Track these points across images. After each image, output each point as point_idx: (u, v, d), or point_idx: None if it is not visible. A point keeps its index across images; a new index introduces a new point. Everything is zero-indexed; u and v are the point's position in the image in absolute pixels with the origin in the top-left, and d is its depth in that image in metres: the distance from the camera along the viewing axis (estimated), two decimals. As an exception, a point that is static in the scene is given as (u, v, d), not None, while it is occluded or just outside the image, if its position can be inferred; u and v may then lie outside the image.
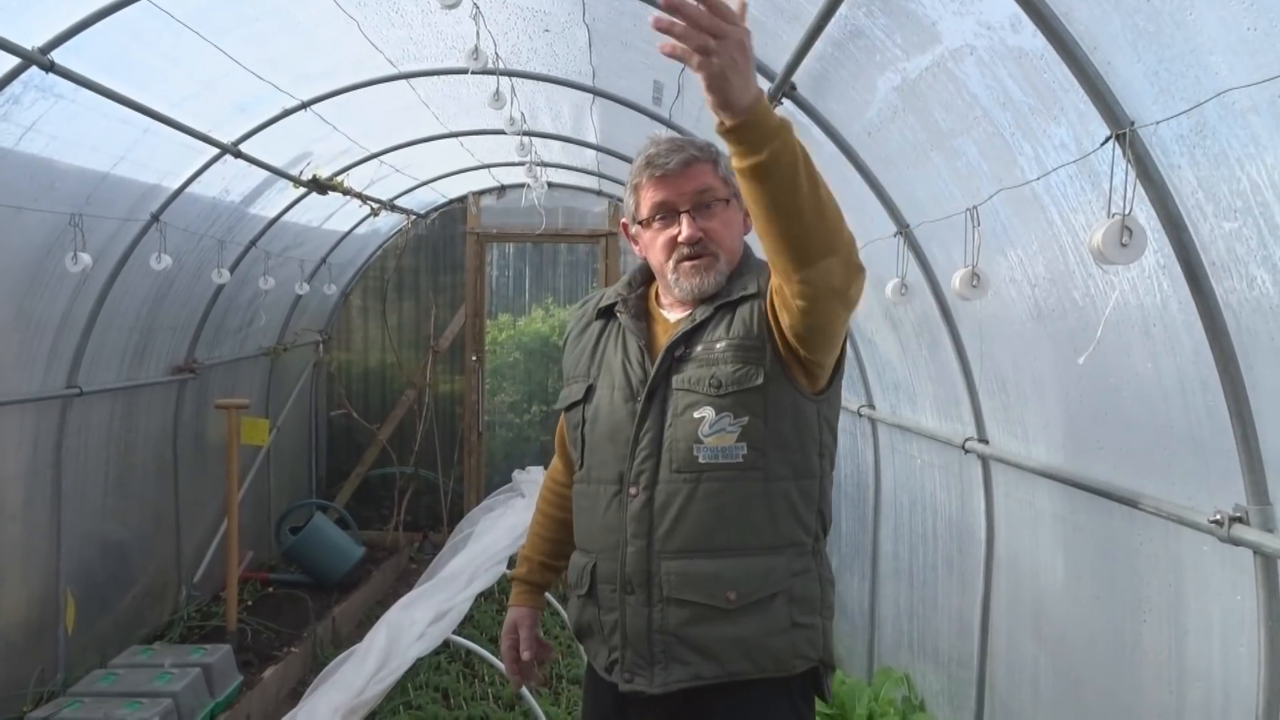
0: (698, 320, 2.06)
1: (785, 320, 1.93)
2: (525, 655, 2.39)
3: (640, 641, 2.03)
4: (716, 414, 1.99)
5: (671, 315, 2.17)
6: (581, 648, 2.30)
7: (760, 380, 1.98)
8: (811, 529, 2.05)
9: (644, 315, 2.20)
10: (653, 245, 2.13)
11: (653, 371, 2.06)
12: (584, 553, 2.18)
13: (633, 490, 2.04)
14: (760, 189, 1.71)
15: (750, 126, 1.64)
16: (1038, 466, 2.89)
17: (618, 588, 2.06)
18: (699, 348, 2.04)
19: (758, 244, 1.96)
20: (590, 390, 2.19)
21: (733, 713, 2.01)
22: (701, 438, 1.99)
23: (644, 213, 2.12)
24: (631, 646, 2.04)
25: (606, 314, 2.24)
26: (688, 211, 2.07)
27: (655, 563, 2.01)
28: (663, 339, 2.11)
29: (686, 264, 2.08)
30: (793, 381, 2.00)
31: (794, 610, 2.01)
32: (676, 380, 2.04)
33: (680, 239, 2.07)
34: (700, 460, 1.99)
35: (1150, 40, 1.73)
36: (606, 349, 2.20)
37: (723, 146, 1.81)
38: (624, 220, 2.26)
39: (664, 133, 2.25)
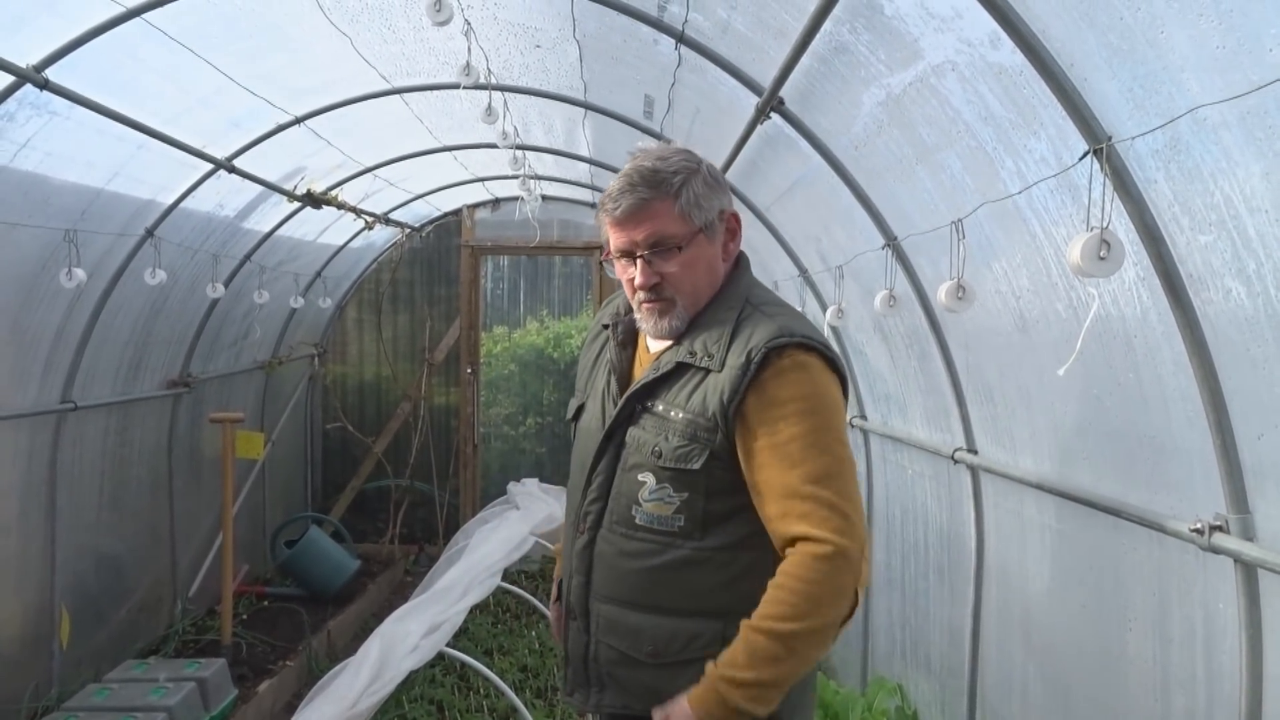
0: (661, 371, 2.03)
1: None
2: None
3: (579, 663, 2.13)
4: (657, 483, 1.99)
5: (654, 345, 2.15)
6: None
7: (698, 465, 1.96)
8: (757, 599, 1.88)
9: (632, 341, 2.19)
10: (622, 277, 2.12)
11: (611, 418, 2.07)
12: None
13: (581, 528, 2.11)
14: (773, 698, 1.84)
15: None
16: (1025, 476, 2.91)
17: (566, 610, 2.18)
18: (660, 405, 2.01)
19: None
20: (580, 410, 2.24)
21: None
22: (641, 501, 2.01)
23: (610, 247, 2.11)
24: (572, 666, 2.16)
25: (609, 329, 2.23)
26: (643, 256, 2.03)
27: (592, 602, 2.09)
28: (639, 373, 2.11)
29: (645, 305, 2.07)
30: (735, 474, 1.96)
31: None
32: (630, 435, 2.04)
33: (636, 284, 2.05)
34: (637, 521, 2.01)
35: (1124, 57, 1.76)
36: (599, 369, 2.23)
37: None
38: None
39: (649, 142, 2.23)
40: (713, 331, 2.02)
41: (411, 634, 3.68)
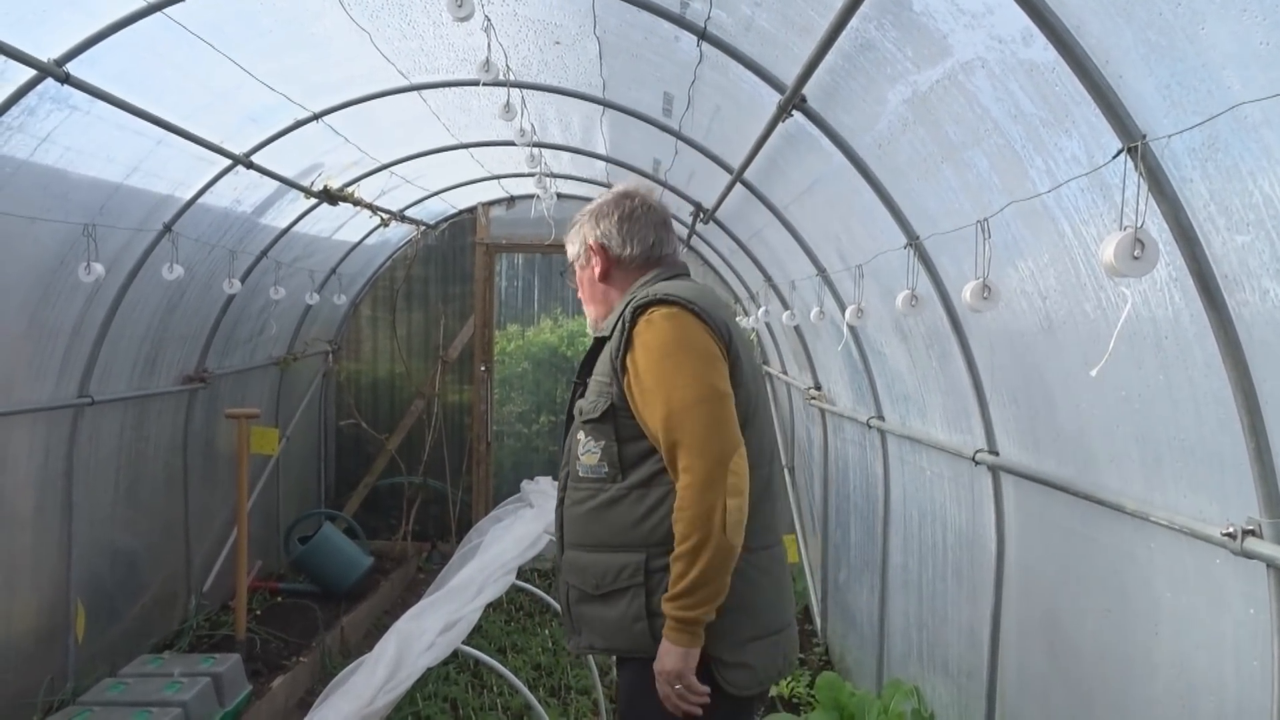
0: (586, 355, 2.58)
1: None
2: None
3: (565, 611, 2.56)
4: (586, 436, 2.45)
5: None
6: None
7: (601, 412, 2.40)
8: (667, 530, 2.31)
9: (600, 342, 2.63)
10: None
11: (570, 397, 2.59)
12: None
13: (560, 492, 2.57)
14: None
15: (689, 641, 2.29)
16: (1049, 478, 2.89)
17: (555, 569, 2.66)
18: (589, 379, 2.50)
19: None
20: None
21: (626, 678, 2.47)
22: (579, 455, 2.47)
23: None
24: (563, 614, 2.58)
25: None
26: (562, 273, 2.74)
27: (563, 550, 2.54)
28: None
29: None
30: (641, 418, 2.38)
31: (651, 602, 2.33)
32: (574, 406, 2.55)
33: None
34: (580, 474, 2.47)
35: (1162, 54, 1.74)
36: None
37: None
38: None
39: (640, 182, 3.03)
40: (611, 316, 2.53)
41: (428, 631, 3.67)
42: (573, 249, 2.72)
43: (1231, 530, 1.96)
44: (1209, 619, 2.19)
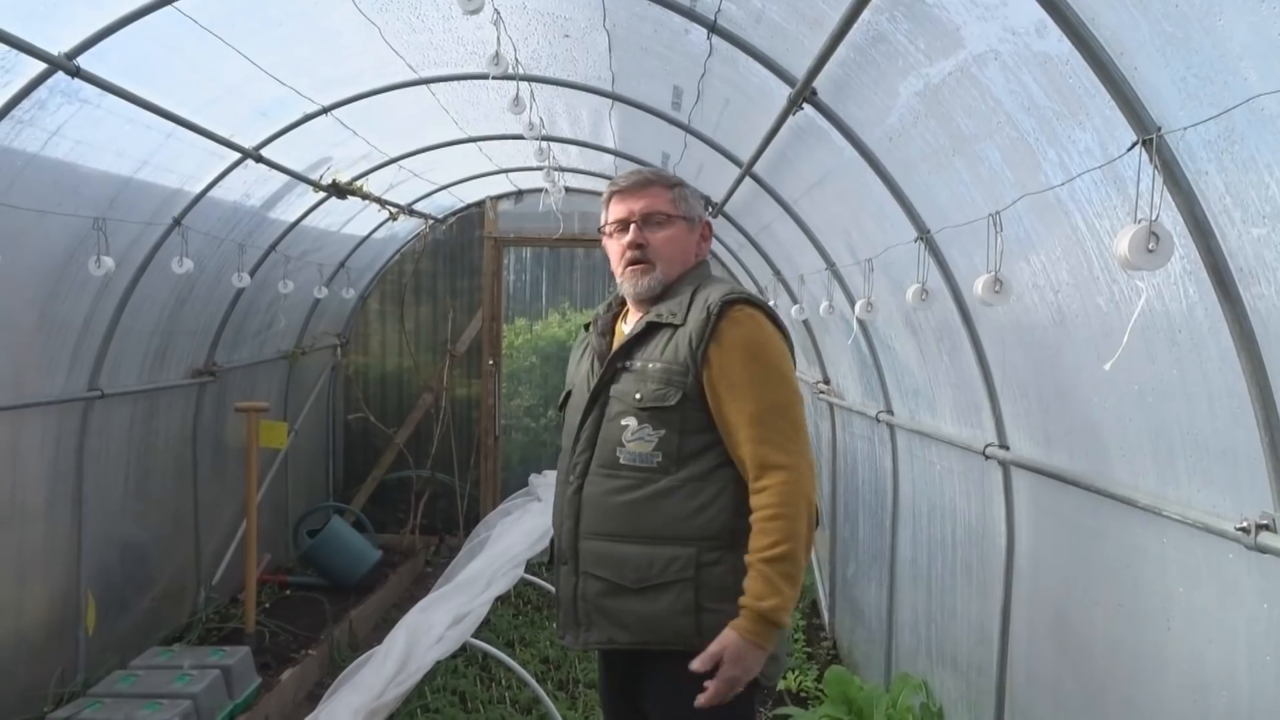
0: (633, 333, 2.44)
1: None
2: None
3: (569, 605, 2.44)
4: (638, 424, 2.36)
5: (626, 328, 2.55)
6: None
7: (674, 401, 2.33)
8: (728, 526, 2.32)
9: (610, 331, 2.58)
10: (611, 252, 2.54)
11: (596, 380, 2.45)
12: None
13: (571, 479, 2.45)
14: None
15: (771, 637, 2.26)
16: (1060, 473, 2.88)
17: (557, 559, 2.50)
18: (637, 363, 2.40)
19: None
20: (568, 395, 2.62)
21: (663, 672, 2.36)
22: (624, 442, 2.37)
23: (605, 222, 2.55)
24: (564, 609, 2.47)
25: (589, 328, 2.66)
26: (636, 223, 2.46)
27: (580, 541, 2.40)
28: (613, 350, 2.50)
29: (630, 268, 2.47)
30: (705, 410, 2.34)
31: (703, 597, 2.30)
32: (614, 389, 2.42)
33: (624, 244, 2.46)
34: (620, 461, 2.37)
35: (1178, 46, 1.73)
36: (582, 360, 2.62)
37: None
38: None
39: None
40: (673, 300, 2.44)
41: (436, 625, 3.68)
42: (682, 206, 2.51)
43: (1246, 525, 1.95)
44: (1222, 614, 2.18)
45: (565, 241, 8.35)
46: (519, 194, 8.29)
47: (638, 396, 2.35)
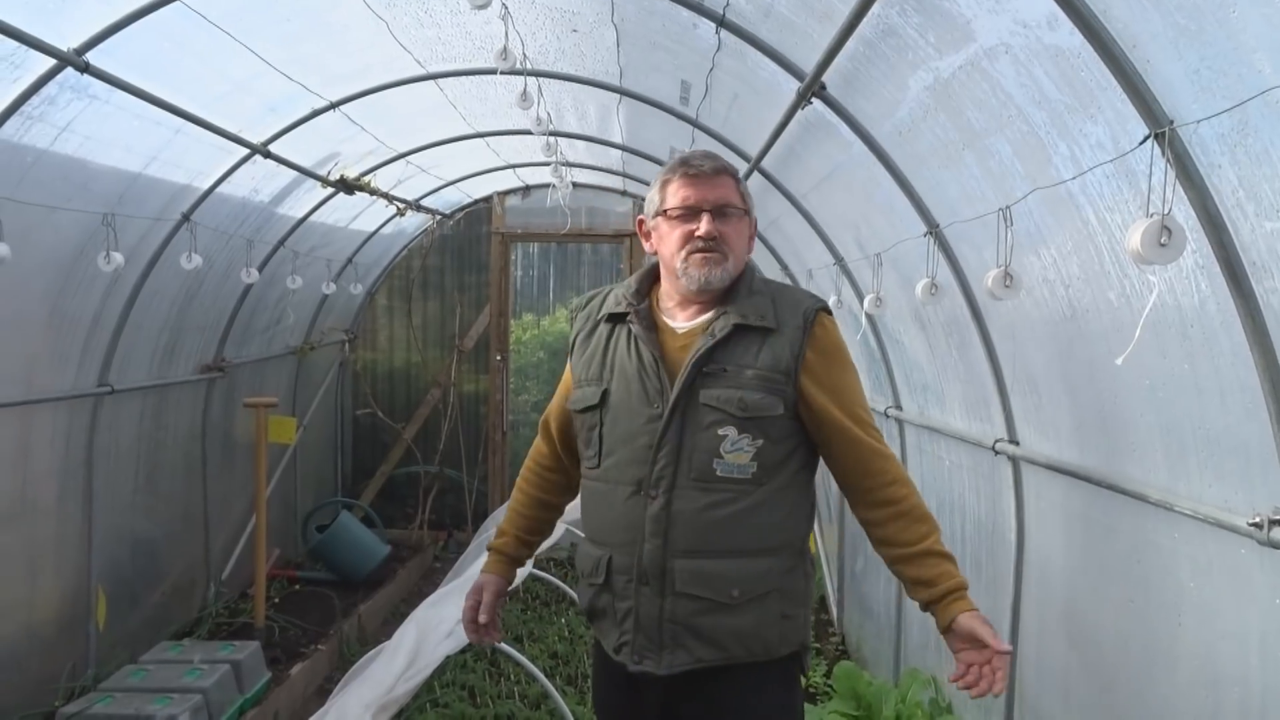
0: (717, 337, 2.24)
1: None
2: (483, 618, 2.55)
3: (652, 628, 2.24)
4: (738, 433, 2.22)
5: (676, 324, 2.35)
6: (592, 626, 2.47)
7: (780, 411, 2.23)
8: (801, 531, 2.34)
9: (653, 326, 2.36)
10: (669, 236, 2.32)
11: (679, 385, 2.24)
12: (598, 545, 2.35)
13: (653, 494, 2.23)
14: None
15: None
16: (1071, 468, 2.87)
17: (634, 579, 2.26)
18: (727, 368, 2.24)
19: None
20: (605, 395, 2.34)
21: (732, 681, 2.25)
22: (722, 453, 2.22)
23: (669, 204, 2.32)
24: (643, 632, 2.25)
25: (614, 320, 2.41)
26: (710, 212, 2.28)
27: (669, 560, 2.22)
28: (672, 348, 2.31)
29: (698, 255, 2.28)
30: (798, 417, 2.28)
31: (784, 604, 2.27)
32: (704, 396, 2.23)
33: (699, 232, 2.27)
34: (717, 473, 2.22)
35: (1191, 38, 1.72)
36: (618, 355, 2.36)
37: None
38: (641, 216, 2.45)
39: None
40: (753, 301, 2.30)
41: (446, 619, 3.69)
42: (748, 200, 2.39)
43: (1258, 520, 1.94)
44: (1234, 609, 2.17)
45: (573, 237, 8.34)
46: (526, 189, 8.29)
47: (741, 405, 2.21)
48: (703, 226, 2.26)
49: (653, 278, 2.45)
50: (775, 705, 2.31)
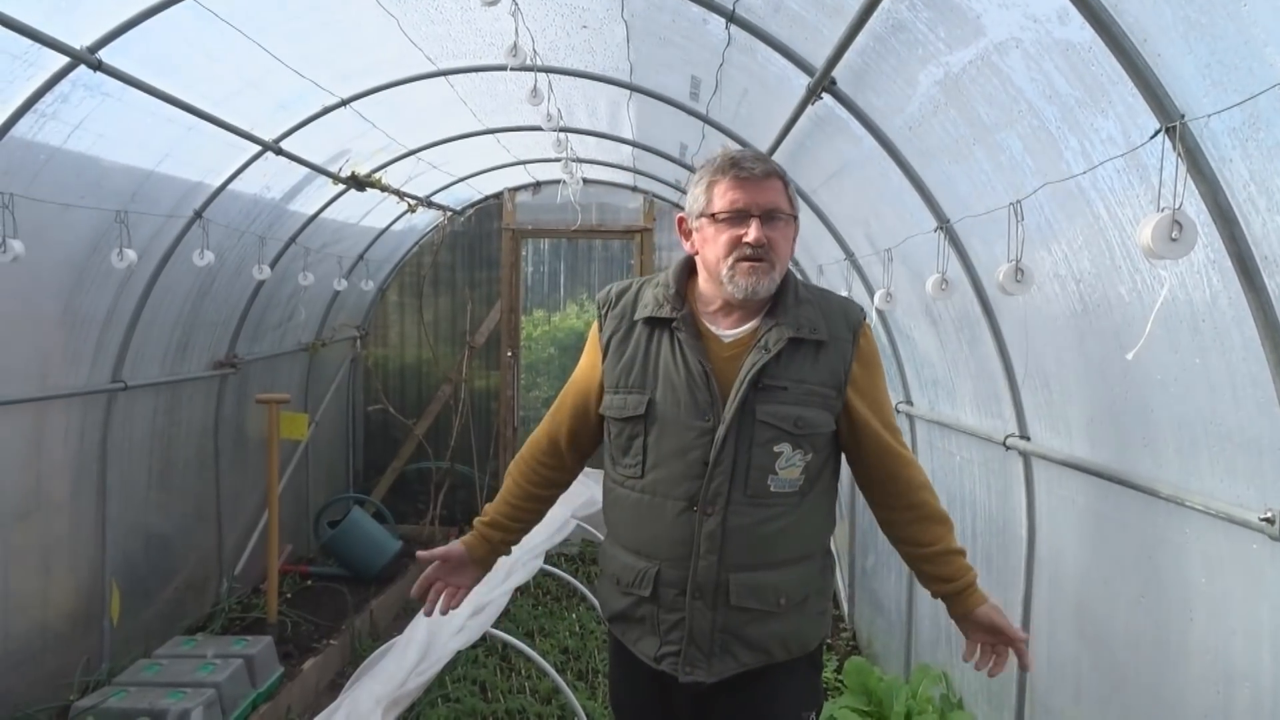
0: (772, 351, 2.20)
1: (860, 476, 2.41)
2: (438, 587, 2.59)
3: (703, 639, 2.24)
4: (792, 449, 2.22)
5: (722, 332, 2.28)
6: (615, 630, 2.44)
7: (831, 427, 2.27)
8: (830, 531, 2.43)
9: (698, 334, 2.29)
10: (714, 240, 2.22)
11: (735, 401, 2.19)
12: (643, 557, 2.30)
13: (709, 510, 2.21)
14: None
15: None
16: (1082, 463, 2.86)
17: (685, 593, 2.24)
18: (782, 381, 2.22)
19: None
20: (650, 405, 2.27)
21: (764, 672, 2.31)
22: (778, 470, 2.22)
23: (716, 207, 2.23)
24: (695, 644, 2.25)
25: (653, 323, 2.31)
26: (759, 217, 2.20)
27: (724, 575, 2.22)
28: (720, 358, 2.25)
29: (745, 264, 2.19)
30: (837, 426, 2.31)
31: (819, 602, 2.36)
32: (761, 412, 2.20)
33: (747, 239, 2.19)
34: (771, 489, 2.22)
35: (1202, 32, 1.71)
36: (662, 362, 2.28)
37: None
38: (682, 215, 2.36)
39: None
40: (802, 310, 2.27)
41: (457, 615, 3.69)
42: (795, 203, 2.32)
43: (1270, 515, 1.94)
44: (1246, 605, 2.17)
45: (583, 233, 8.35)
46: (537, 185, 8.30)
47: (797, 423, 2.21)
48: (752, 233, 2.18)
49: (682, 280, 2.36)
50: (804, 690, 2.40)
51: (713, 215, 2.23)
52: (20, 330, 4.11)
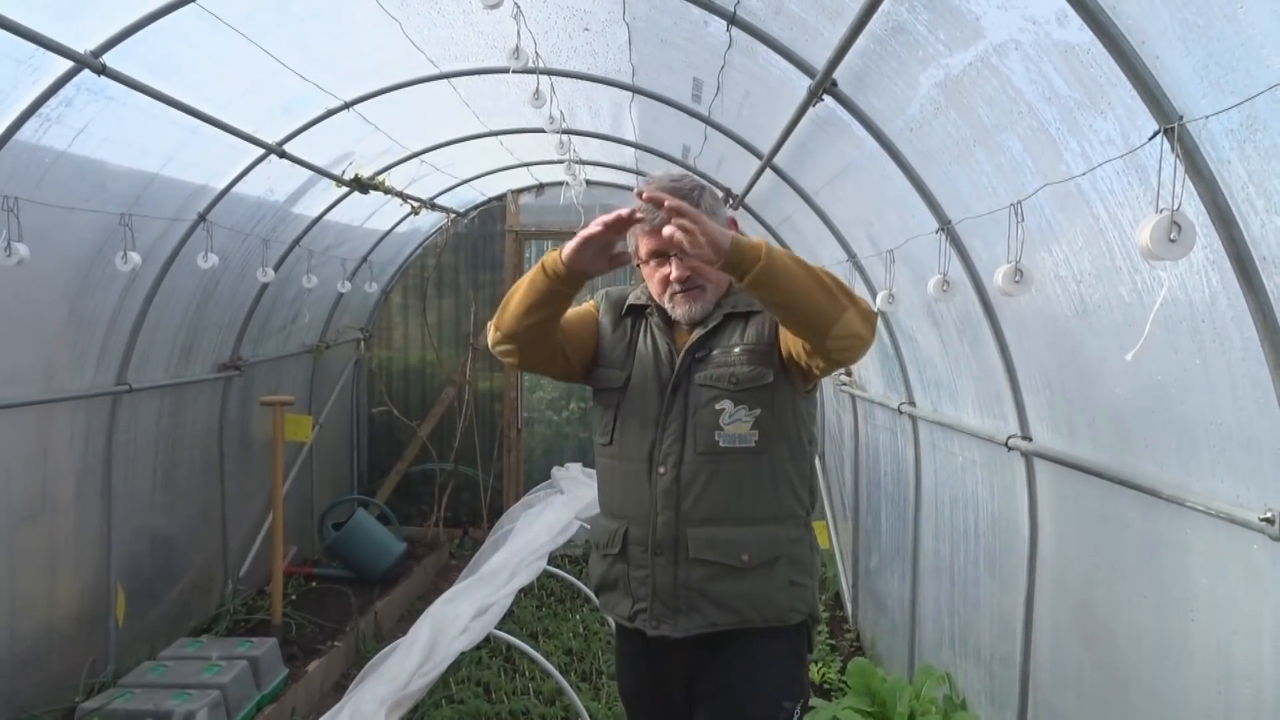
0: (710, 327, 2.45)
1: (819, 364, 2.27)
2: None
3: (667, 594, 2.40)
4: (735, 406, 2.38)
5: (685, 324, 2.52)
6: (602, 604, 2.62)
7: (770, 380, 2.38)
8: (804, 503, 2.49)
9: (669, 321, 2.54)
10: (651, 278, 2.49)
11: (676, 369, 2.44)
12: (614, 518, 2.53)
13: (661, 469, 2.41)
14: (767, 293, 2.10)
15: (735, 260, 2.07)
16: (1083, 463, 2.87)
17: (648, 550, 2.42)
18: (716, 351, 2.43)
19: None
20: (627, 380, 2.53)
21: (743, 652, 2.42)
22: (722, 425, 2.38)
23: (642, 254, 2.47)
24: (659, 599, 2.42)
25: (636, 312, 2.59)
26: (675, 255, 2.37)
27: (682, 529, 2.39)
28: (681, 340, 2.50)
29: (679, 295, 2.45)
30: (790, 382, 2.41)
31: (792, 571, 2.42)
32: (699, 377, 2.42)
33: (672, 278, 2.42)
34: (720, 445, 2.38)
35: (1200, 34, 1.72)
36: (640, 345, 2.55)
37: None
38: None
39: (656, 172, 2.69)
40: (739, 294, 2.43)
41: (461, 616, 3.71)
42: (713, 219, 2.25)
43: (1270, 515, 1.94)
44: (1246, 604, 2.17)
45: (586, 234, 8.34)
46: (540, 187, 8.31)
47: (733, 379, 2.38)
48: (674, 272, 2.40)
49: None
50: (785, 678, 2.45)
51: (642, 261, 2.48)
52: (25, 333, 4.12)
